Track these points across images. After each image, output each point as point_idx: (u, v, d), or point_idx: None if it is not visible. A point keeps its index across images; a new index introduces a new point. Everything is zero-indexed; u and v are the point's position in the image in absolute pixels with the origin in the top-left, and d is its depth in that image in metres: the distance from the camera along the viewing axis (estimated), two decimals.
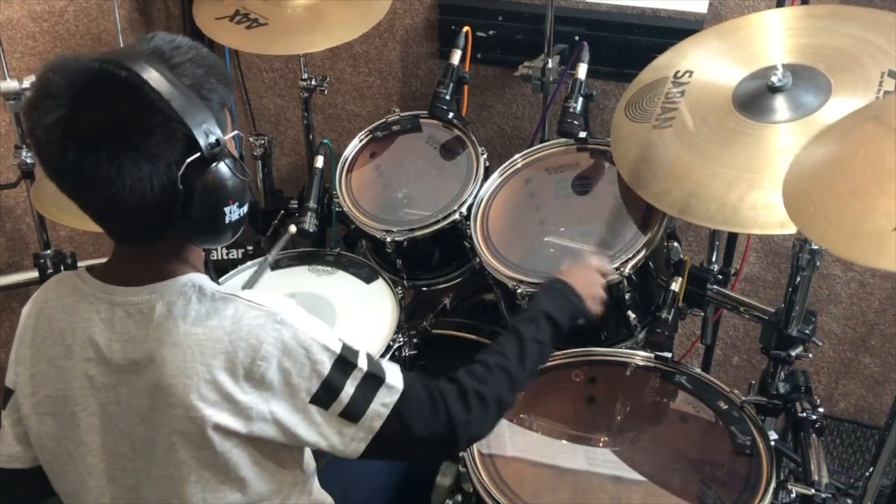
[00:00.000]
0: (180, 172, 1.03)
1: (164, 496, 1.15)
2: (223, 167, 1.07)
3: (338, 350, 1.14)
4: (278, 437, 1.12)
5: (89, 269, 1.17)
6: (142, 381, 1.10)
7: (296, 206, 2.41)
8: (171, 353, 1.08)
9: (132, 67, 1.03)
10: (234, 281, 2.00)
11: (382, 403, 1.15)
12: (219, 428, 1.09)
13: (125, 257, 1.16)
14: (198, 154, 1.04)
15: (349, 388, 1.13)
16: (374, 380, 1.15)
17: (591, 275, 1.50)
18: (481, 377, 1.24)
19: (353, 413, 1.14)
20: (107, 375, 1.13)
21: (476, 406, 1.21)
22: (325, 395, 1.12)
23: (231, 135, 1.14)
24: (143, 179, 1.02)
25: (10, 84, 1.97)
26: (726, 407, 1.60)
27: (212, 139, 1.05)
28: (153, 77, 1.03)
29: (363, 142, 2.17)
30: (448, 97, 2.10)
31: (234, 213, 1.10)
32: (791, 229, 1.40)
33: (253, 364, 1.08)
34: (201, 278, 1.15)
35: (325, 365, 1.12)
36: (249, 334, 1.09)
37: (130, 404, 1.13)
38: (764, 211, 1.46)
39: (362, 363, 1.16)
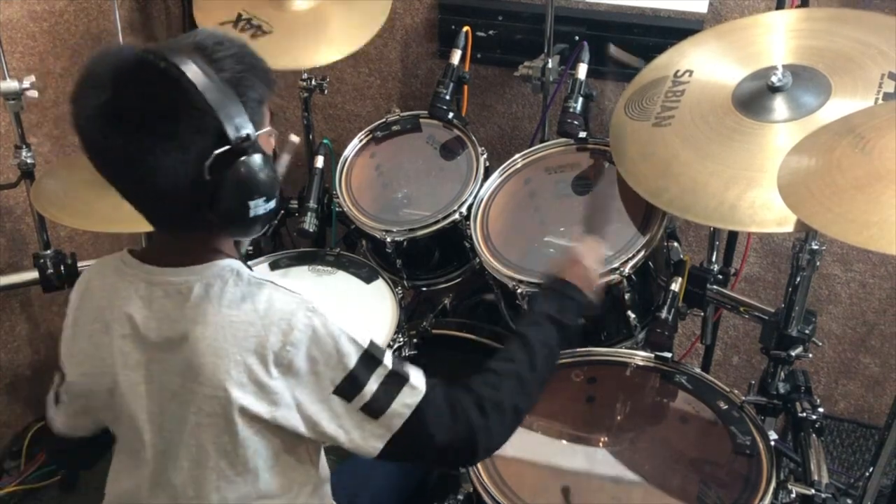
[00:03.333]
0: (208, 163, 1.05)
1: (184, 481, 1.17)
2: (252, 161, 1.07)
3: (365, 345, 1.15)
4: (301, 426, 1.13)
5: (132, 251, 1.20)
6: (174, 359, 1.13)
7: (296, 206, 2.40)
8: (205, 332, 1.10)
9: (172, 59, 1.05)
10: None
11: (404, 404, 1.16)
12: (244, 411, 1.10)
13: (166, 241, 1.19)
14: (227, 147, 1.05)
15: (373, 384, 1.14)
16: (397, 378, 1.16)
17: (584, 265, 1.46)
18: (495, 385, 1.24)
19: (374, 409, 1.15)
20: (140, 353, 1.15)
21: (493, 414, 1.20)
22: (348, 388, 1.13)
23: (264, 130, 1.15)
24: (172, 166, 1.04)
25: (10, 84, 1.96)
26: (726, 407, 1.60)
27: (242, 133, 1.06)
28: (191, 69, 1.04)
29: (363, 142, 2.17)
30: (448, 97, 2.10)
31: (259, 207, 1.10)
32: (788, 227, 1.41)
33: (283, 349, 1.10)
34: (239, 264, 1.17)
35: (352, 358, 1.14)
36: (282, 319, 1.10)
37: (162, 382, 1.15)
38: (762, 209, 1.46)
39: (388, 361, 1.17)
